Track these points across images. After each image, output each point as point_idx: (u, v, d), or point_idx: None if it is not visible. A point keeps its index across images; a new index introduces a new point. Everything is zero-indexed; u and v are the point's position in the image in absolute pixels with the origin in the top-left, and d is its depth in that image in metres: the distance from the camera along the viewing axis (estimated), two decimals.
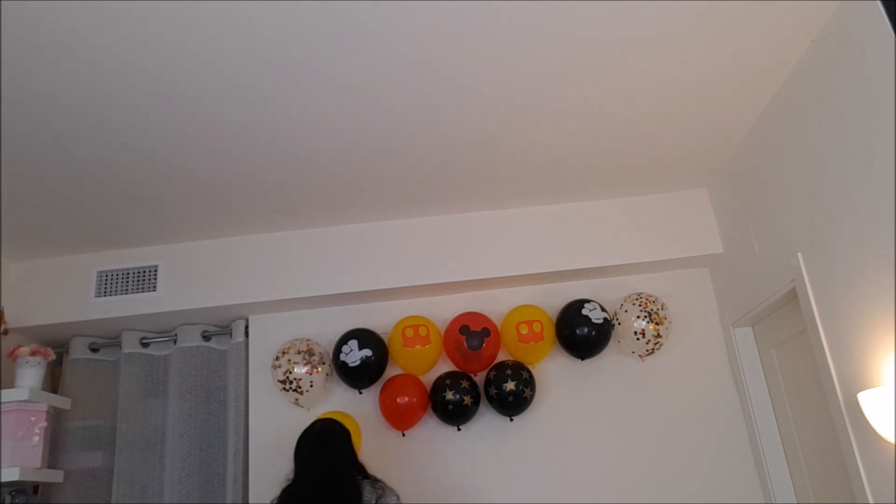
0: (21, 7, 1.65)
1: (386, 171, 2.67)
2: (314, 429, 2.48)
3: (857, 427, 2.08)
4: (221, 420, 3.08)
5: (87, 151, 2.31)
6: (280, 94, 2.12)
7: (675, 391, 3.01)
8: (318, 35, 1.87)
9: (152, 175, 2.51)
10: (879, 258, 1.89)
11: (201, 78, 2.00)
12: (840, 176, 2.05)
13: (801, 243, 2.31)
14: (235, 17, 1.77)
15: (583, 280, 3.16)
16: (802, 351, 2.51)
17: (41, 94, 2.00)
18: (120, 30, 1.77)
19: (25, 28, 1.73)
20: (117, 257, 3.10)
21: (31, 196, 2.56)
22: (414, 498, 2.52)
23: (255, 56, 1.93)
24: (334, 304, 3.14)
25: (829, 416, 2.26)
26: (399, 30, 1.88)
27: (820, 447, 2.52)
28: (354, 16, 1.81)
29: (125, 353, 3.13)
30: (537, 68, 2.11)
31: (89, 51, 1.84)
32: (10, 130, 2.15)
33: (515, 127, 2.44)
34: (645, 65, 2.15)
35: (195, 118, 2.19)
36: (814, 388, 2.45)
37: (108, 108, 2.10)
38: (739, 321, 2.92)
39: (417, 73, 2.08)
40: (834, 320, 2.17)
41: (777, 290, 2.52)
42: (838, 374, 2.16)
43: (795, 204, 2.34)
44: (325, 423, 2.50)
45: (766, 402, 2.88)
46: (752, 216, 2.68)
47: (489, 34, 1.93)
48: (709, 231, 3.05)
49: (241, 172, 2.56)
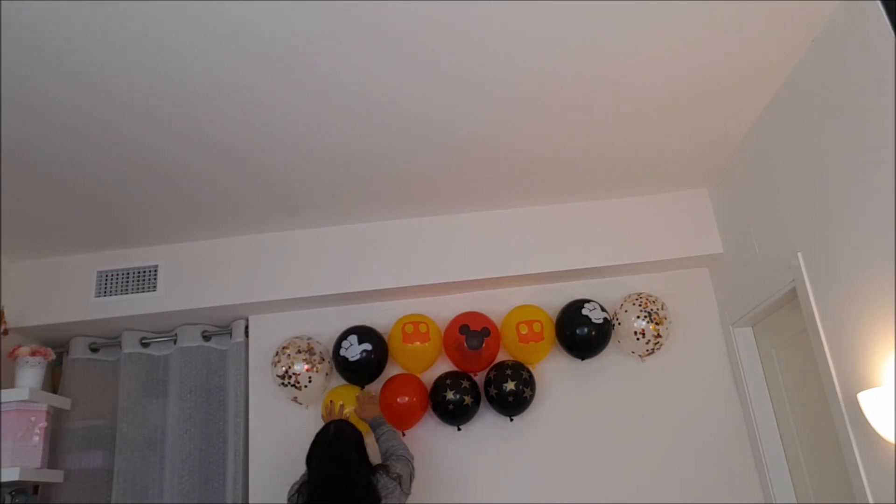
0: (22, 5, 1.65)
1: (386, 172, 2.67)
2: (328, 431, 2.52)
3: (857, 427, 2.08)
4: (221, 420, 3.08)
5: (88, 151, 2.32)
6: (281, 94, 2.12)
7: (675, 391, 3.01)
8: (320, 34, 1.87)
9: (153, 175, 2.51)
10: (879, 258, 1.89)
11: (203, 77, 2.00)
12: (840, 176, 2.05)
13: (801, 243, 2.31)
14: (238, 16, 1.77)
15: (583, 280, 3.16)
16: (802, 351, 2.52)
17: (41, 93, 1.99)
18: (122, 29, 1.77)
19: (26, 26, 1.72)
20: (117, 257, 3.11)
21: (31, 196, 2.57)
22: (413, 498, 2.52)
23: (257, 56, 1.93)
24: (334, 304, 3.14)
25: (829, 416, 2.26)
26: (402, 29, 1.88)
27: (820, 447, 2.53)
28: (357, 15, 1.81)
29: (125, 353, 3.13)
30: (538, 66, 2.11)
31: (90, 50, 1.84)
32: (10, 130, 2.14)
33: (515, 126, 2.44)
34: (645, 64, 2.15)
35: (197, 118, 2.19)
36: (814, 388, 2.46)
37: (109, 108, 2.10)
38: (739, 321, 2.92)
39: (418, 72, 2.08)
40: (834, 320, 2.17)
41: (777, 290, 2.52)
42: (838, 373, 2.16)
43: (795, 204, 2.34)
44: (339, 426, 2.55)
45: (766, 401, 2.88)
46: (753, 216, 2.68)
47: (491, 33, 1.93)
48: (709, 231, 3.05)
49: (241, 172, 2.56)
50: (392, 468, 2.46)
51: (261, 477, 2.94)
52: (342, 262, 3.06)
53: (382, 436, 2.63)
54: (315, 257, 3.07)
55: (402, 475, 2.45)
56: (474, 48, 1.99)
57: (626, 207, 3.10)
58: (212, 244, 3.11)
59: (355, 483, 2.37)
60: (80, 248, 3.06)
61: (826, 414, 2.33)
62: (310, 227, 3.10)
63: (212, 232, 3.05)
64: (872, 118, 1.86)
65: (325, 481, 2.39)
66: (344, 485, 2.36)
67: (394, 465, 2.48)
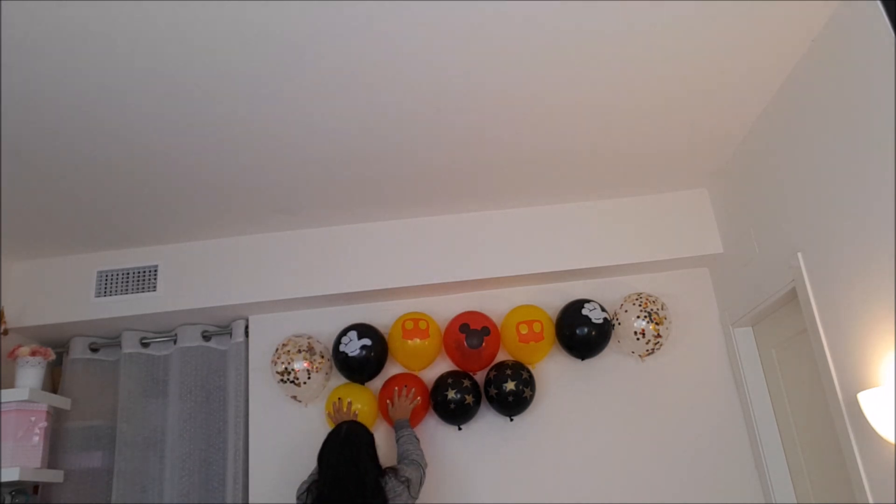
0: (22, 5, 1.65)
1: (386, 172, 2.67)
2: (341, 431, 2.55)
3: (857, 427, 2.08)
4: (221, 420, 3.08)
5: (88, 151, 2.32)
6: (281, 94, 2.12)
7: (675, 391, 3.02)
8: (321, 34, 1.87)
9: (152, 175, 2.52)
10: (879, 258, 1.89)
11: (203, 76, 2.00)
12: (840, 176, 2.05)
13: (801, 243, 2.31)
14: (239, 15, 1.77)
15: (583, 280, 3.16)
16: (802, 351, 2.52)
17: (41, 93, 1.99)
18: (122, 29, 1.77)
19: (26, 26, 1.72)
20: (117, 257, 3.10)
21: (31, 196, 2.57)
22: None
23: (257, 55, 1.93)
24: (334, 303, 3.14)
25: (829, 416, 2.26)
26: (401, 28, 1.88)
27: (820, 447, 2.53)
28: (357, 14, 1.81)
29: (125, 354, 3.14)
30: (538, 66, 2.11)
31: (90, 49, 1.84)
32: (10, 130, 2.14)
33: (516, 125, 2.44)
34: (645, 64, 2.15)
35: (196, 117, 2.19)
36: (814, 388, 2.46)
37: (109, 108, 2.10)
38: (739, 321, 2.92)
39: (418, 72, 2.07)
40: (834, 320, 2.17)
41: (777, 289, 2.52)
42: (838, 373, 2.16)
43: (795, 204, 2.34)
44: (351, 427, 2.59)
45: (765, 402, 2.88)
46: (753, 216, 2.69)
47: (491, 33, 1.93)
48: (709, 231, 3.05)
49: (241, 172, 2.56)
50: (402, 471, 2.49)
51: (260, 477, 2.94)
52: (342, 261, 3.06)
53: (402, 438, 2.67)
54: (315, 257, 3.07)
55: (411, 479, 2.48)
56: (474, 48, 1.99)
57: (626, 207, 3.10)
58: (212, 244, 3.11)
59: (364, 484, 2.40)
60: (80, 248, 3.06)
61: (826, 414, 2.33)
62: (310, 227, 3.10)
63: (212, 232, 3.05)
64: (872, 118, 1.86)
65: (335, 481, 2.42)
66: (353, 485, 2.39)
67: (404, 468, 2.52)
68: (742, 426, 2.94)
